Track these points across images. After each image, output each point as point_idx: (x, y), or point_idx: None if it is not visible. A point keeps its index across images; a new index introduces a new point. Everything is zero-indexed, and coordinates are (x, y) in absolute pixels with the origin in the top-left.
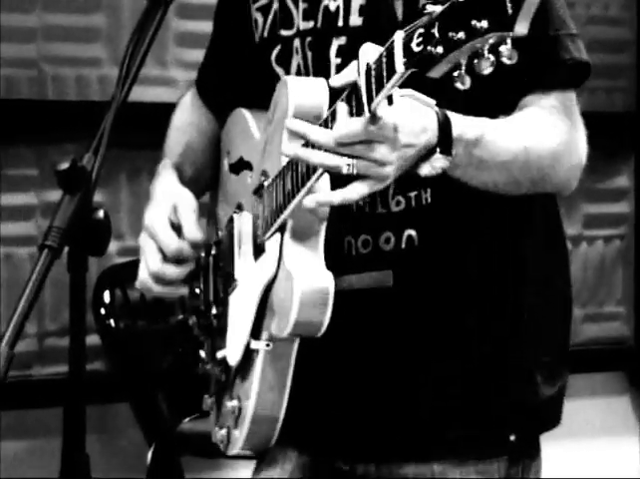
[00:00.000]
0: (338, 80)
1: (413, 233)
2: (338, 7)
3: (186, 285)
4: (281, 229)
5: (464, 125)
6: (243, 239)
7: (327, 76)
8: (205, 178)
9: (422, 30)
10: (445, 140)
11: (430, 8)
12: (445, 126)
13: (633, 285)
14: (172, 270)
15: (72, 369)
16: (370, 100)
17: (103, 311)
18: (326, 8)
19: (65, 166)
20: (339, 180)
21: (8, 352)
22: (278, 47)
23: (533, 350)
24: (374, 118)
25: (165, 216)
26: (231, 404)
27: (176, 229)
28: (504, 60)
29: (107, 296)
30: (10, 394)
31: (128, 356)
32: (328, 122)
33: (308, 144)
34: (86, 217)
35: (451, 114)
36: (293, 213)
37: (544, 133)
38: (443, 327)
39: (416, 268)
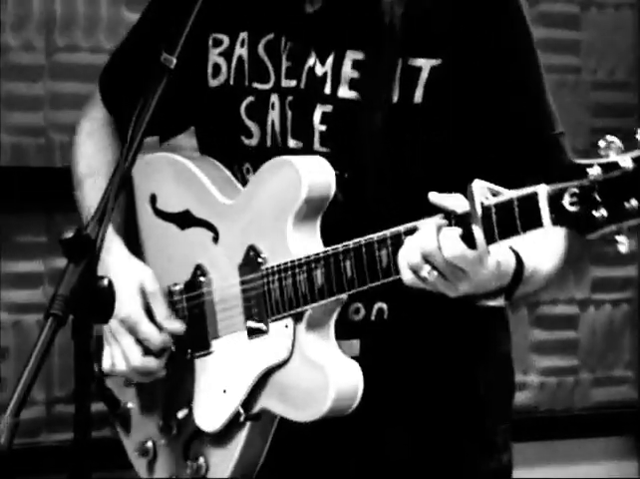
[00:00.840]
0: (439, 199)
1: (384, 306)
2: (325, 74)
3: (165, 370)
4: (294, 315)
5: (526, 265)
6: (218, 308)
7: (308, 138)
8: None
9: (576, 190)
10: (513, 288)
11: (592, 171)
12: (517, 274)
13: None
14: (155, 363)
15: (77, 436)
16: (491, 240)
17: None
18: (311, 70)
19: (69, 234)
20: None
21: (12, 421)
22: (250, 99)
23: (492, 419)
24: (480, 256)
25: (140, 306)
26: (196, 463)
27: (150, 315)
28: None
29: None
30: (17, 462)
31: None
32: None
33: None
34: (90, 284)
35: (521, 252)
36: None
37: (560, 247)
38: (408, 398)
39: (383, 341)
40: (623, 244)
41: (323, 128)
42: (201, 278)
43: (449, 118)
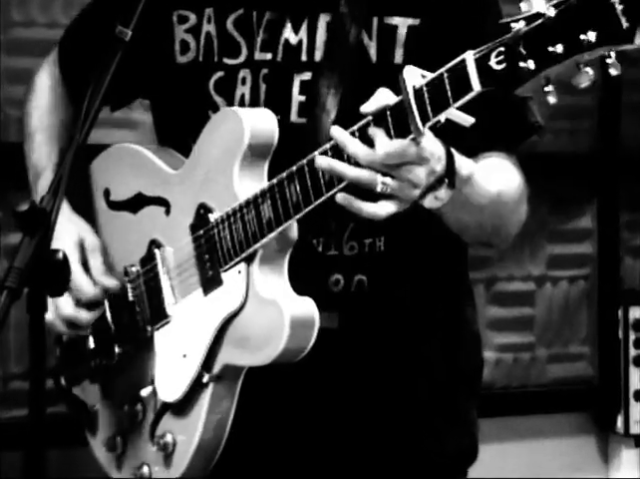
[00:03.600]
0: (370, 106)
1: (363, 278)
2: (300, 41)
3: (91, 328)
4: (247, 259)
5: (460, 159)
6: (173, 274)
7: (284, 112)
8: None
9: (502, 48)
10: (451, 171)
11: (516, 25)
12: (450, 157)
13: (597, 325)
14: (86, 316)
15: (31, 412)
16: (425, 120)
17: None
18: (287, 41)
19: (24, 207)
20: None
21: None
22: (219, 74)
23: (464, 395)
24: (415, 140)
25: (76, 258)
26: (163, 441)
27: (86, 269)
28: (612, 71)
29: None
30: None
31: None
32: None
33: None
34: (45, 258)
35: (453, 151)
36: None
37: (512, 183)
38: (385, 371)
39: (363, 313)
40: (552, 94)
41: (302, 98)
42: (156, 251)
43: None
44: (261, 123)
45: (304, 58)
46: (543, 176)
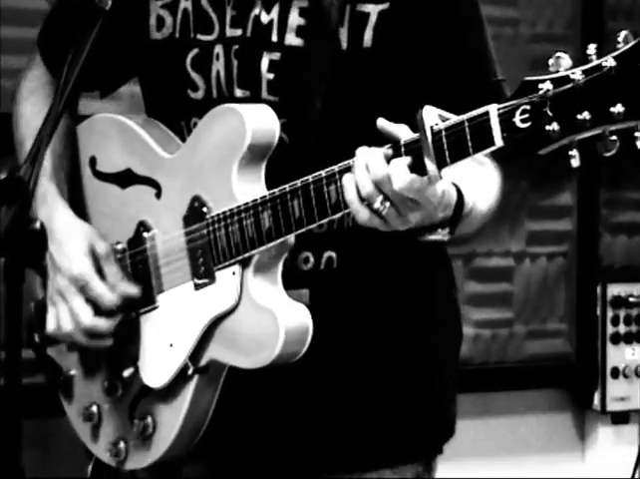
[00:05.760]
0: (387, 125)
1: (333, 254)
2: (272, 21)
3: (114, 337)
4: (242, 261)
5: (466, 200)
6: (162, 262)
7: (256, 87)
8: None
9: (528, 107)
10: (455, 220)
11: (543, 86)
12: (459, 206)
13: (575, 302)
14: (106, 324)
15: (7, 382)
16: (443, 164)
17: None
18: (256, 18)
19: (1, 176)
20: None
21: None
22: (195, 51)
23: (441, 369)
24: (431, 181)
25: (91, 265)
26: (143, 422)
27: (102, 276)
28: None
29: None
30: None
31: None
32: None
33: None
34: (22, 227)
35: (462, 186)
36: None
37: (495, 191)
38: (357, 348)
39: (333, 289)
40: (575, 158)
41: (271, 76)
42: (145, 234)
43: (397, 62)
44: (263, 122)
45: (274, 38)
46: None
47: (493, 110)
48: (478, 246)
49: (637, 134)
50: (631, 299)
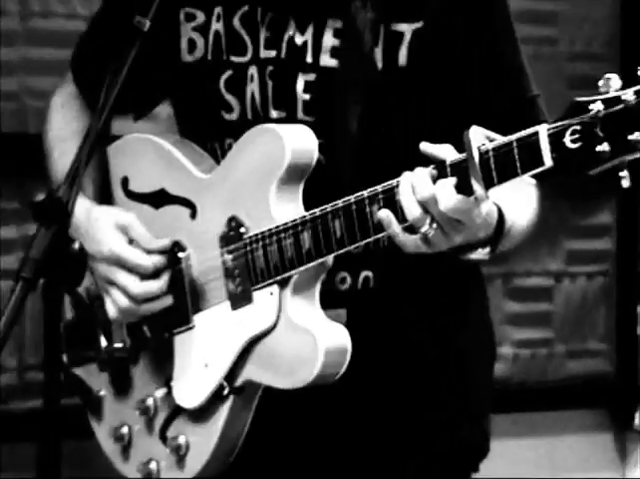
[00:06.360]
0: (431, 148)
1: (369, 274)
2: (306, 42)
3: (170, 294)
4: (280, 281)
5: (507, 217)
6: (198, 282)
7: (291, 108)
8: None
9: (578, 127)
10: (496, 239)
11: (594, 107)
12: (500, 225)
13: (615, 321)
14: (156, 285)
15: (47, 403)
16: (490, 185)
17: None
18: (291, 39)
19: (40, 197)
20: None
21: None
22: (229, 72)
23: (474, 387)
24: (477, 202)
25: (118, 239)
26: (176, 442)
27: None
28: None
29: None
30: None
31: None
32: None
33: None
34: (61, 248)
35: (501, 204)
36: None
37: (533, 208)
38: (394, 367)
39: (370, 309)
40: (626, 179)
41: (307, 97)
42: (180, 254)
43: (432, 80)
44: (302, 143)
45: (309, 59)
46: None
47: (543, 130)
48: (516, 266)
49: None
50: None
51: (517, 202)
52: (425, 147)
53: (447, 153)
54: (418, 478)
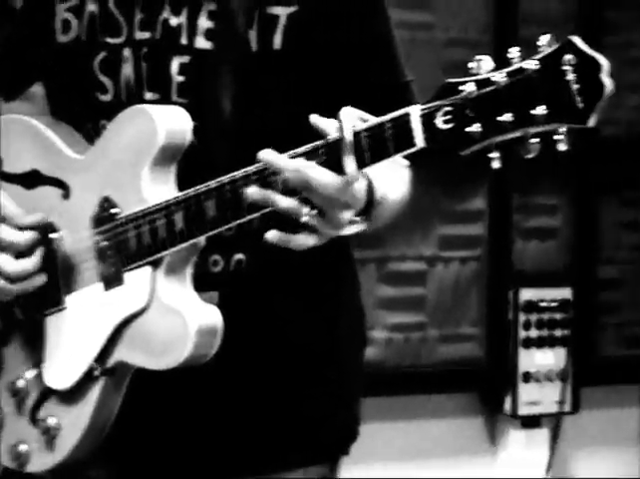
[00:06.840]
0: (320, 122)
1: (242, 256)
2: (180, 24)
3: (43, 272)
4: (152, 262)
5: (376, 187)
6: (70, 263)
7: (165, 90)
8: None
9: (450, 108)
10: (369, 208)
11: (466, 88)
12: (370, 193)
13: (487, 306)
14: (31, 262)
15: None
16: (362, 165)
17: None
18: (165, 21)
19: None
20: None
21: None
22: (103, 54)
23: (345, 371)
24: (349, 182)
25: None
26: (46, 424)
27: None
28: (560, 147)
29: None
30: None
31: None
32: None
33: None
34: None
35: (369, 174)
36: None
37: (405, 183)
38: (265, 349)
39: (242, 291)
40: (496, 160)
41: (181, 79)
42: (52, 235)
43: (308, 64)
44: (175, 124)
45: (184, 41)
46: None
47: (415, 111)
48: (390, 251)
49: (558, 137)
50: (542, 304)
51: (390, 178)
52: (315, 119)
53: (331, 128)
54: (287, 461)
